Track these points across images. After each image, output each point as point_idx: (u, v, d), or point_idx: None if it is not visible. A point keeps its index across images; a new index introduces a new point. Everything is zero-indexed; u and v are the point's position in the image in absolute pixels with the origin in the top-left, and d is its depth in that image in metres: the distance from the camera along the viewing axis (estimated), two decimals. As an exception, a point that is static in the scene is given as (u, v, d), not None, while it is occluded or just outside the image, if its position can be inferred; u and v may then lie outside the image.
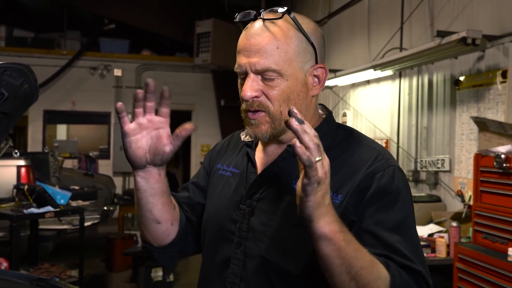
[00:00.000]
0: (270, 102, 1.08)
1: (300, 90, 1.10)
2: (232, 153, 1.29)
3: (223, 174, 1.25)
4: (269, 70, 1.06)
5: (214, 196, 1.25)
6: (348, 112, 5.77)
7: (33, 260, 4.22)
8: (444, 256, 3.24)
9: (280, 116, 1.09)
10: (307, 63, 1.10)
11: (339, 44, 6.14)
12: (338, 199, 1.05)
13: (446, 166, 4.02)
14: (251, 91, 1.07)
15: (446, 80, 4.13)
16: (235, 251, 1.13)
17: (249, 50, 1.07)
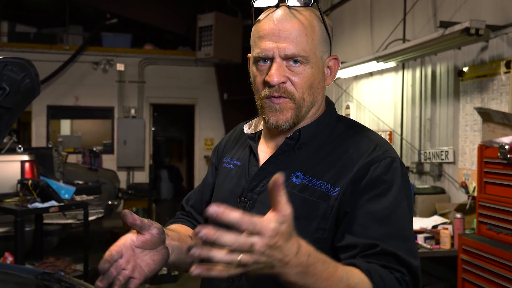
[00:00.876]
0: (295, 89, 1.09)
1: (320, 79, 1.13)
2: (236, 146, 1.30)
3: (227, 167, 1.26)
4: (298, 56, 1.07)
5: (218, 189, 1.26)
6: (351, 104, 5.75)
7: (38, 255, 4.25)
8: (449, 248, 3.24)
9: (303, 103, 1.10)
10: (326, 53, 1.13)
11: (342, 36, 6.11)
12: (336, 191, 1.05)
13: (450, 157, 4.01)
14: (279, 76, 1.07)
15: (449, 71, 4.10)
16: None
17: (278, 35, 1.07)
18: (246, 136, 1.26)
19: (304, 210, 1.06)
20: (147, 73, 9.54)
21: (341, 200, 1.04)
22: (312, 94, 1.11)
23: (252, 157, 1.20)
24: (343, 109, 5.92)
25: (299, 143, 1.13)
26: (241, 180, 1.19)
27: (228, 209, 0.75)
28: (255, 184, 1.15)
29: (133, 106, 9.48)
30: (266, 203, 1.10)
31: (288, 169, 1.12)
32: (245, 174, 1.19)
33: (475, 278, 2.97)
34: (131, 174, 9.42)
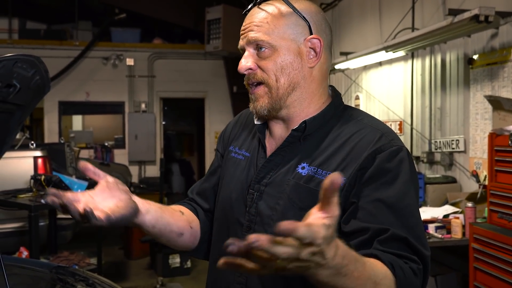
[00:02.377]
0: (265, 73, 1.13)
1: (293, 60, 1.14)
2: (243, 134, 1.31)
3: (235, 157, 1.27)
4: (259, 40, 1.13)
5: (226, 179, 1.27)
6: (360, 95, 5.73)
7: (53, 249, 4.31)
8: (460, 237, 3.23)
9: (276, 85, 1.13)
10: (299, 34, 1.14)
11: (350, 27, 6.07)
12: (342, 181, 1.04)
13: (461, 146, 3.98)
14: (245, 63, 1.14)
15: (459, 59, 4.06)
16: (244, 234, 1.15)
17: (245, 29, 1.16)
18: (254, 124, 1.26)
19: (311, 200, 1.05)
20: (157, 67, 9.57)
21: (348, 190, 1.04)
22: (287, 75, 1.13)
23: (261, 149, 1.22)
24: (352, 99, 5.90)
25: (305, 134, 1.14)
26: (250, 172, 1.21)
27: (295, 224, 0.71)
28: (262, 175, 1.17)
29: (143, 101, 9.52)
30: (273, 195, 1.13)
31: (294, 160, 1.13)
32: (254, 166, 1.21)
33: (487, 267, 2.96)
34: (142, 168, 9.49)
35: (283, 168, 1.15)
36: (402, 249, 0.97)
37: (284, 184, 1.12)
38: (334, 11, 6.46)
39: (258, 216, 1.14)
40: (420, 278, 0.97)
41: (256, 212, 1.15)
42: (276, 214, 1.11)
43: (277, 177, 1.14)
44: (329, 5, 6.48)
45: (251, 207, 1.16)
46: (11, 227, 4.12)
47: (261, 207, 1.14)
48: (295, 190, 1.10)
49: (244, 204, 1.17)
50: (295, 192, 1.10)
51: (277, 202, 1.12)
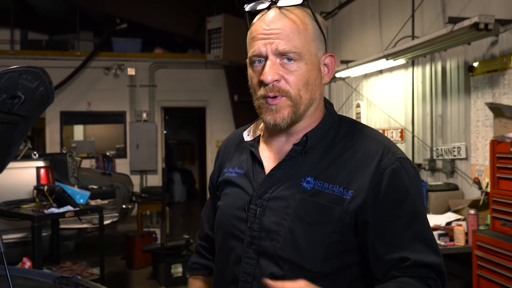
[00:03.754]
0: (289, 87, 1.09)
1: (316, 76, 1.12)
2: (235, 155, 1.28)
3: (230, 176, 1.25)
4: (291, 52, 1.07)
5: (223, 198, 1.25)
6: (361, 102, 5.74)
7: (55, 259, 4.31)
8: (463, 244, 3.23)
9: (301, 100, 1.10)
10: (320, 50, 1.14)
11: (350, 35, 6.11)
12: (349, 194, 1.06)
13: (462, 153, 3.99)
14: (272, 74, 1.07)
15: (459, 66, 4.08)
16: (247, 250, 1.13)
17: (270, 34, 1.08)
18: (245, 143, 1.25)
19: (319, 215, 1.07)
20: (158, 76, 9.61)
21: (360, 207, 1.05)
22: (309, 91, 1.11)
23: (256, 164, 1.19)
24: (353, 107, 5.92)
25: (306, 148, 1.13)
26: (247, 187, 1.18)
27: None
28: (263, 190, 1.14)
29: (144, 110, 9.55)
30: (276, 209, 1.11)
31: (297, 174, 1.12)
32: (251, 181, 1.18)
33: (490, 274, 2.95)
34: (144, 178, 9.49)
35: (286, 182, 1.13)
36: (421, 272, 1.04)
37: (289, 198, 1.10)
38: (334, 19, 6.50)
39: (262, 232, 1.12)
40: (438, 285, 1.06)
41: (260, 228, 1.12)
42: (283, 229, 1.09)
43: (281, 192, 1.12)
44: (329, 13, 6.52)
45: (254, 222, 1.13)
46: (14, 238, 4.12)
47: (265, 222, 1.12)
48: (302, 205, 1.09)
49: (243, 220, 1.15)
50: (302, 207, 1.09)
51: (283, 217, 1.10)
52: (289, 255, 1.08)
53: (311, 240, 1.06)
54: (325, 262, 1.06)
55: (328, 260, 1.06)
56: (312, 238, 1.06)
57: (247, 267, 1.13)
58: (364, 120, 5.67)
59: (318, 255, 1.06)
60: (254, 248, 1.12)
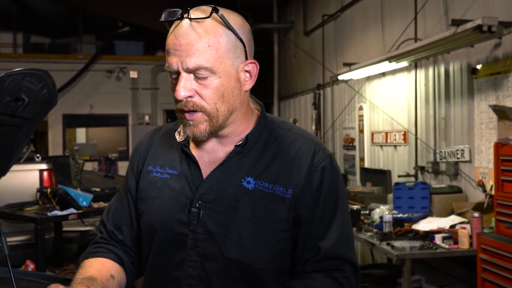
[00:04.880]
0: (204, 102, 1.08)
1: (233, 87, 1.10)
2: (160, 153, 1.24)
3: (159, 176, 1.20)
4: (201, 68, 1.06)
5: (153, 200, 1.19)
6: (364, 105, 5.74)
7: (59, 262, 4.31)
8: (467, 248, 3.21)
9: (217, 113, 1.09)
10: (238, 59, 1.10)
11: (353, 37, 6.10)
12: (289, 193, 1.11)
13: (466, 156, 3.97)
14: (185, 90, 1.07)
15: (463, 69, 4.07)
16: (190, 253, 1.12)
17: (180, 49, 1.05)
18: (174, 143, 1.22)
19: (265, 215, 1.10)
20: (160, 79, 9.62)
21: (295, 203, 1.11)
22: (227, 103, 1.09)
23: (192, 165, 1.16)
24: (356, 110, 5.91)
25: (244, 149, 1.14)
26: (184, 189, 1.15)
27: None
28: (203, 192, 1.13)
29: (147, 113, 9.56)
30: (219, 211, 1.11)
31: (237, 175, 1.12)
32: (188, 183, 1.15)
33: (495, 278, 2.94)
34: (146, 180, 9.49)
35: (226, 183, 1.12)
36: (331, 264, 1.10)
37: (233, 200, 1.11)
38: (336, 22, 6.49)
39: (207, 234, 1.11)
40: (347, 284, 1.10)
41: (205, 231, 1.11)
42: (229, 231, 1.10)
43: (223, 193, 1.12)
44: (331, 16, 6.52)
45: (197, 225, 1.11)
46: (17, 240, 4.12)
47: (209, 225, 1.10)
48: (248, 205, 1.10)
49: (184, 223, 1.12)
50: (247, 207, 1.10)
51: (228, 219, 1.10)
52: (236, 256, 1.10)
53: (258, 239, 1.09)
54: (272, 260, 1.11)
55: (274, 258, 1.11)
56: (259, 237, 1.09)
57: (191, 270, 1.12)
58: (367, 123, 5.66)
59: (265, 254, 1.10)
60: (198, 250, 1.11)
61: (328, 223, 1.13)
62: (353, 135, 6.00)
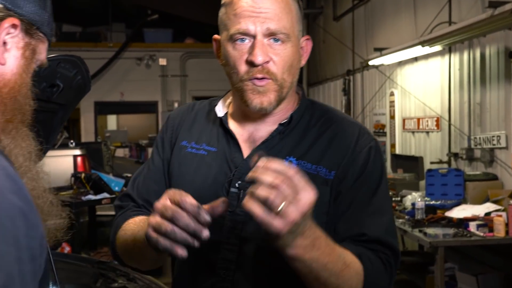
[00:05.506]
0: (277, 69, 1.04)
1: (298, 59, 1.09)
2: (198, 128, 1.18)
3: (194, 153, 1.14)
4: (281, 33, 1.03)
5: (188, 177, 1.13)
6: (395, 91, 5.63)
7: (93, 245, 4.42)
8: (503, 235, 3.13)
9: (285, 84, 1.06)
10: (301, 32, 1.11)
11: (384, 22, 5.97)
12: (332, 175, 1.07)
13: (502, 142, 3.86)
14: (263, 55, 1.02)
15: (499, 52, 3.94)
16: (227, 235, 1.06)
17: (258, 11, 1.02)
18: (211, 119, 1.17)
19: None
20: (189, 66, 9.67)
21: (338, 185, 1.07)
22: (292, 75, 1.07)
23: (232, 142, 1.12)
24: (387, 96, 5.81)
25: (288, 128, 1.10)
26: (223, 168, 1.10)
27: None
28: (243, 171, 1.06)
29: (176, 100, 9.64)
30: None
31: (279, 155, 1.06)
32: (227, 162, 1.10)
33: (532, 266, 2.86)
34: (176, 167, 9.60)
35: None
36: (375, 247, 1.04)
37: None
38: (367, 6, 6.37)
39: (247, 216, 0.99)
40: (388, 265, 1.03)
41: (245, 212, 0.99)
42: None
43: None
44: (361, 0, 6.39)
45: (237, 206, 1.05)
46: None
47: None
48: None
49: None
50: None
51: None
52: None
53: None
54: None
55: None
56: None
57: (228, 253, 1.06)
58: (398, 109, 5.56)
59: None
60: (237, 233, 1.06)
61: (371, 207, 1.07)
62: (384, 122, 5.90)
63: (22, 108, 0.78)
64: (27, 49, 0.79)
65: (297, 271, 0.92)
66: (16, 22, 0.75)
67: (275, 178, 0.79)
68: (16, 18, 0.75)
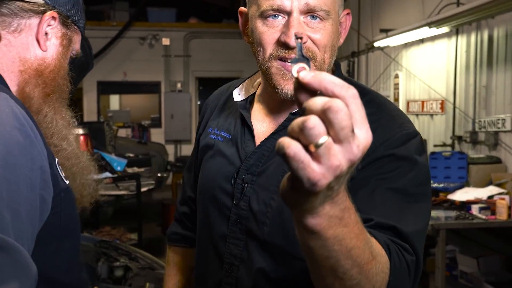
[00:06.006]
0: (316, 48, 0.92)
1: (338, 38, 0.97)
2: (223, 114, 1.12)
3: (214, 139, 1.09)
4: (321, 9, 0.91)
5: (205, 163, 1.10)
6: (400, 73, 5.58)
7: (95, 224, 4.44)
8: (505, 218, 3.13)
9: (324, 65, 0.94)
10: (341, 8, 0.98)
11: (390, 2, 5.89)
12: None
13: (507, 126, 3.83)
14: (300, 33, 0.89)
15: (508, 35, 3.89)
16: (233, 229, 1.00)
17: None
18: (232, 102, 1.09)
19: None
20: (192, 46, 9.59)
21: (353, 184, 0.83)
22: (331, 56, 0.95)
23: (246, 130, 1.03)
24: (391, 78, 5.76)
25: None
26: (233, 157, 1.03)
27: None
28: (252, 163, 0.99)
29: (179, 80, 9.59)
30: (266, 187, 0.97)
31: None
32: (238, 150, 1.03)
33: (533, 250, 2.86)
34: (178, 147, 9.61)
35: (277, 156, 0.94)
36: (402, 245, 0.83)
37: (279, 175, 0.94)
38: (373, -13, 6.28)
39: (250, 212, 0.97)
40: (412, 271, 0.82)
41: (248, 207, 0.98)
42: (271, 211, 0.95)
43: (270, 166, 0.97)
44: (368, -20, 6.30)
45: (241, 200, 0.98)
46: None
47: (253, 201, 0.97)
48: None
49: (229, 194, 1.01)
50: None
51: (271, 197, 0.95)
52: (277, 241, 0.95)
53: None
54: None
55: None
56: None
57: (233, 248, 1.00)
58: (402, 91, 5.52)
59: None
60: (241, 228, 0.99)
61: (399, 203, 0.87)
62: (388, 104, 5.86)
63: (60, 87, 0.94)
64: (64, 39, 0.95)
65: (311, 255, 0.67)
66: (55, 14, 0.91)
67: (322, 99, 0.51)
68: (55, 11, 0.91)
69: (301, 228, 0.63)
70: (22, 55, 0.88)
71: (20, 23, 0.88)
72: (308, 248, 0.66)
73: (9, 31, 0.88)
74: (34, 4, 0.89)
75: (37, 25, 0.89)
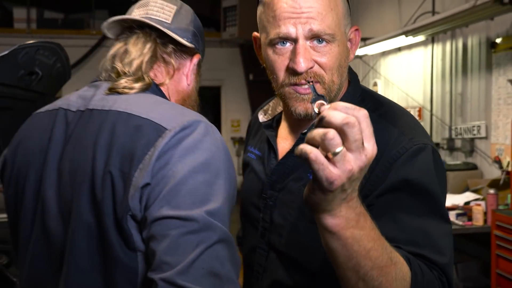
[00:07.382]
0: (323, 71, 0.96)
1: (346, 56, 1.00)
2: (258, 132, 1.21)
3: (249, 156, 1.19)
4: (325, 34, 0.94)
5: (244, 180, 1.21)
6: (379, 81, 5.66)
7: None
8: (481, 224, 3.19)
9: (333, 86, 0.98)
10: (348, 25, 1.01)
11: (368, 11, 5.99)
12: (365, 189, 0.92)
13: (482, 132, 3.92)
14: (306, 61, 0.94)
15: (481, 43, 3.98)
16: (260, 240, 1.10)
17: (300, 12, 0.93)
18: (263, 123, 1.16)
19: None
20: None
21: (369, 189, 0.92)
22: (340, 75, 0.99)
23: (271, 149, 1.11)
24: (370, 86, 5.83)
25: None
26: (261, 174, 1.11)
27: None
28: (274, 179, 1.06)
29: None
30: (286, 203, 1.04)
31: (298, 171, 1.03)
32: (264, 167, 1.11)
33: (509, 254, 2.92)
34: (160, 156, 9.55)
35: (296, 172, 1.03)
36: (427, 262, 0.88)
37: (296, 192, 1.02)
38: (351, -4, 6.37)
39: (272, 224, 1.07)
40: (445, 284, 0.87)
41: (270, 220, 1.07)
42: (287, 224, 1.03)
43: (290, 183, 1.04)
44: (346, -10, 6.39)
45: (266, 214, 1.08)
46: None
47: (274, 215, 1.06)
48: None
49: (258, 208, 1.10)
50: None
51: (289, 212, 1.03)
52: (292, 253, 1.02)
53: (314, 238, 0.86)
54: (328, 263, 0.84)
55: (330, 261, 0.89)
56: (315, 237, 0.83)
57: (259, 258, 1.09)
58: (381, 98, 5.60)
59: (320, 255, 0.88)
60: (266, 240, 1.08)
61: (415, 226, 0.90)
62: (367, 111, 5.94)
63: (193, 105, 1.15)
64: (198, 72, 1.17)
65: (334, 255, 0.76)
66: (199, 57, 1.15)
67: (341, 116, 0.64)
68: (199, 54, 1.15)
69: (323, 230, 0.74)
70: (177, 88, 1.10)
71: (180, 63, 1.11)
72: (331, 250, 0.76)
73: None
74: (190, 49, 1.11)
75: (187, 65, 1.12)
